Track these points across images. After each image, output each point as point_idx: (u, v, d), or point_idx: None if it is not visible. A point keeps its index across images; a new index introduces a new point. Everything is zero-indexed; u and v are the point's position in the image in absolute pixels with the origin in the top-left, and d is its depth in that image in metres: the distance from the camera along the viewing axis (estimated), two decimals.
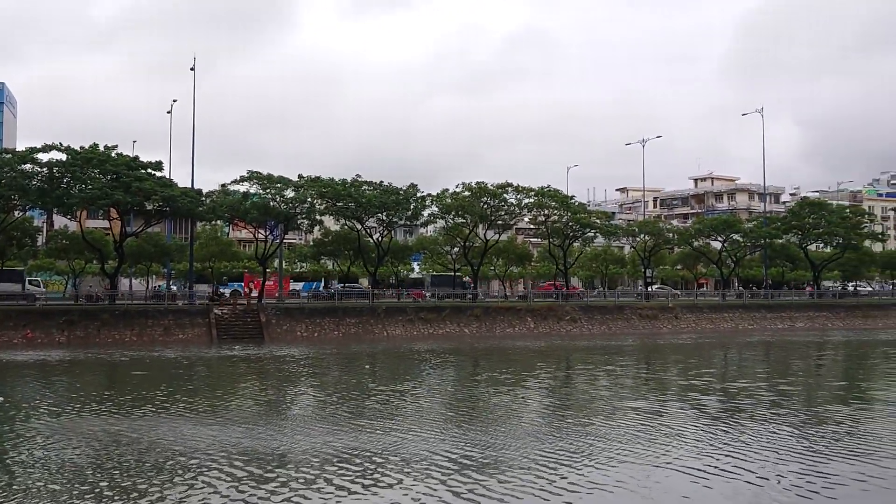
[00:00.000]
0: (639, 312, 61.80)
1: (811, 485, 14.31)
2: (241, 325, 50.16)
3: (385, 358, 40.61)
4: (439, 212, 63.27)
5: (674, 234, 78.71)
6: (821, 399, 26.12)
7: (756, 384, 29.38)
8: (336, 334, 51.02)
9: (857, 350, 46.70)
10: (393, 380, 31.16)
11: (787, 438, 18.51)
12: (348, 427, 19.92)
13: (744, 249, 78.05)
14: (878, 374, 35.15)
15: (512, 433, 19.32)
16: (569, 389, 29.19)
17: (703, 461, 16.13)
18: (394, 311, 55.11)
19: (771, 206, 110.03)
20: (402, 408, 23.82)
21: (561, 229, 66.82)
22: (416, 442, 18.04)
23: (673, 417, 21.66)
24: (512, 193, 63.05)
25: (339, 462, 16.01)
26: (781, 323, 65.49)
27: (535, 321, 57.22)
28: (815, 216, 75.96)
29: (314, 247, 68.89)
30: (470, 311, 56.58)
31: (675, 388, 28.88)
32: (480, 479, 14.70)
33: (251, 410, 23.39)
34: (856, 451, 17.11)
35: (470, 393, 27.54)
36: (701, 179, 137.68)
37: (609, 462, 16.06)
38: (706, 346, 48.10)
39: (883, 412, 23.19)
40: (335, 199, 56.60)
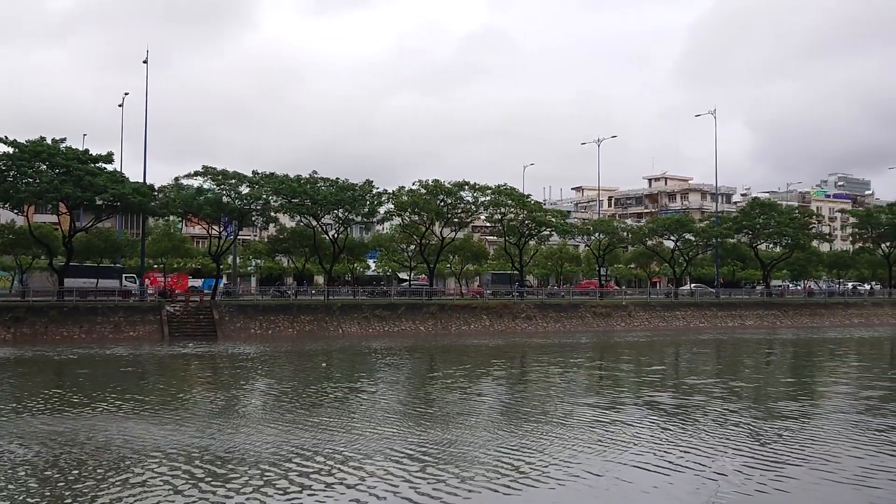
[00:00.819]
0: (593, 310, 62.36)
1: (763, 478, 14.55)
2: (194, 323, 49.48)
3: (341, 355, 40.39)
4: (396, 209, 63.11)
5: (628, 232, 79.57)
6: (771, 395, 26.61)
7: (708, 381, 29.86)
8: (291, 332, 50.61)
9: (805, 347, 47.71)
10: (349, 377, 31.02)
11: (740, 434, 18.82)
12: (306, 425, 19.76)
13: (696, 248, 79.22)
14: (825, 370, 35.93)
15: (470, 430, 19.33)
16: (525, 386, 29.33)
17: (658, 456, 16.32)
18: (349, 308, 54.84)
19: (723, 206, 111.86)
20: (360, 405, 23.69)
21: (517, 227, 67.13)
22: (374, 439, 17.96)
23: (628, 414, 21.90)
24: (468, 192, 63.16)
25: (299, 460, 15.85)
26: (732, 321, 66.61)
27: (490, 319, 57.40)
28: (765, 216, 77.38)
29: (269, 243, 68.25)
30: (426, 309, 56.54)
31: (630, 385, 29.20)
32: (440, 475, 14.68)
33: (206, 409, 23.08)
34: (806, 446, 17.45)
35: (427, 390, 27.54)
36: (655, 179, 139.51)
37: (566, 457, 16.16)
38: (659, 344, 48.73)
39: (831, 408, 23.70)
40: (290, 195, 56.10)
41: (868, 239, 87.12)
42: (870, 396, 25.79)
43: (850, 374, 33.96)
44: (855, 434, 18.93)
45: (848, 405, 24.12)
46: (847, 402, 24.80)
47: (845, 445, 17.59)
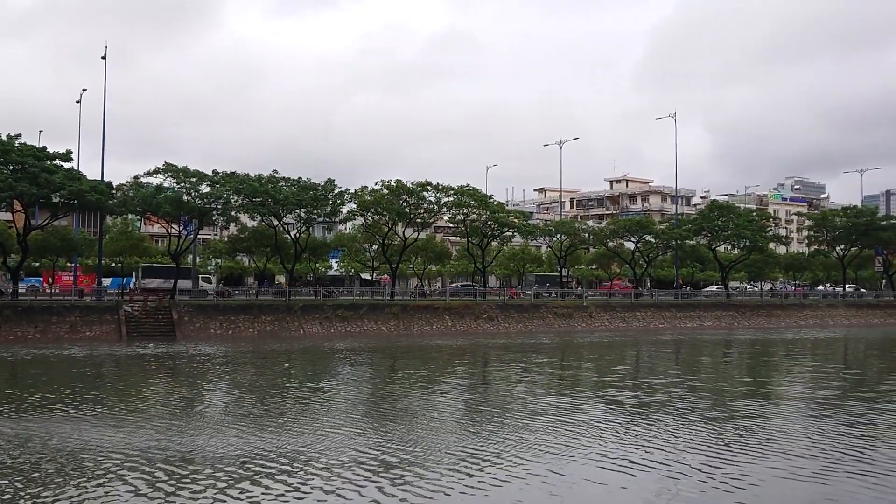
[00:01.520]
0: (554, 311, 62.69)
1: (724, 476, 14.75)
2: (153, 323, 48.80)
3: (302, 356, 40.12)
4: (358, 209, 62.87)
5: (589, 234, 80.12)
6: (730, 394, 26.96)
7: (669, 380, 30.17)
8: (251, 332, 50.15)
9: (763, 348, 48.44)
10: (312, 378, 30.83)
11: (701, 432, 19.06)
12: (268, 426, 19.59)
13: (656, 250, 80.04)
14: (782, 370, 36.54)
15: (433, 430, 19.34)
16: (488, 386, 29.39)
17: (619, 455, 16.46)
18: (311, 308, 54.49)
19: (682, 208, 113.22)
20: (322, 406, 23.58)
21: (479, 228, 67.24)
22: (337, 440, 17.88)
23: (591, 413, 22.05)
24: (431, 192, 63.12)
25: (262, 462, 15.72)
26: (691, 322, 67.38)
27: (452, 319, 57.43)
28: (723, 219, 78.40)
29: (229, 243, 67.55)
30: (388, 309, 56.40)
31: (591, 385, 29.41)
32: (404, 475, 14.67)
33: (166, 411, 22.73)
34: (765, 444, 17.74)
35: (390, 391, 27.46)
36: (616, 181, 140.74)
37: (528, 456, 16.23)
38: (619, 344, 49.15)
39: (788, 407, 24.10)
40: (251, 195, 55.57)
41: (823, 241, 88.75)
42: (825, 396, 26.27)
43: (805, 373, 34.57)
44: (812, 432, 19.28)
45: (804, 404, 24.56)
46: (803, 401, 25.25)
47: (803, 443, 17.90)
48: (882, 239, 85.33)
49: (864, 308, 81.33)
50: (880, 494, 13.68)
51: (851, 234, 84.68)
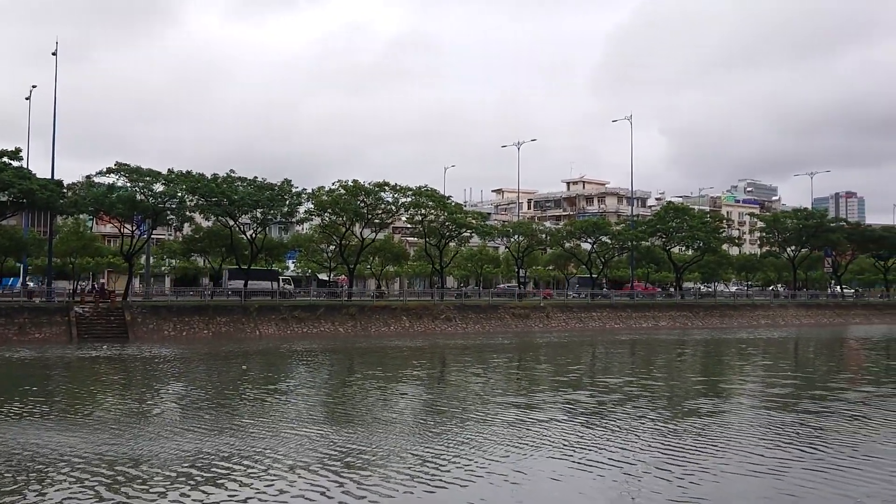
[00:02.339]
0: (512, 311, 62.92)
1: (682, 473, 14.88)
2: (105, 324, 47.91)
3: (258, 357, 39.69)
4: (315, 209, 62.46)
5: (546, 235, 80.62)
6: (686, 393, 27.27)
7: (625, 380, 30.44)
8: (206, 333, 49.51)
9: (716, 347, 49.17)
10: (269, 380, 30.48)
11: (656, 430, 19.24)
12: (226, 429, 19.32)
13: (612, 251, 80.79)
14: (735, 369, 37.09)
15: (393, 430, 19.25)
16: (446, 387, 29.36)
17: (578, 453, 16.55)
18: (267, 309, 53.96)
19: (638, 209, 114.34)
20: (281, 408, 23.32)
21: (437, 229, 67.23)
22: (295, 442, 17.68)
23: (547, 412, 22.13)
24: (389, 192, 62.96)
25: (222, 465, 15.47)
26: (646, 322, 68.12)
27: (410, 320, 57.32)
28: (678, 220, 79.45)
29: (184, 243, 66.64)
30: (345, 310, 56.09)
31: (549, 385, 29.52)
32: (367, 476, 14.59)
33: (119, 414, 22.21)
34: (720, 441, 17.97)
35: (348, 392, 27.29)
36: (573, 183, 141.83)
37: (489, 456, 16.23)
38: (576, 344, 49.48)
39: (741, 405, 24.46)
40: (207, 194, 54.87)
41: (775, 243, 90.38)
42: (777, 393, 26.73)
43: (758, 372, 35.14)
44: (766, 429, 19.61)
45: (758, 402, 24.96)
46: (757, 399, 25.66)
47: (758, 439, 18.16)
48: (831, 240, 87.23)
49: (813, 308, 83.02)
50: (835, 488, 13.92)
51: (802, 235, 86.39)
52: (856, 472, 15.12)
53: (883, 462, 15.90)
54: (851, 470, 15.26)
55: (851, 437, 18.56)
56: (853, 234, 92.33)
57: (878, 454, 16.69)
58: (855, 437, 18.69)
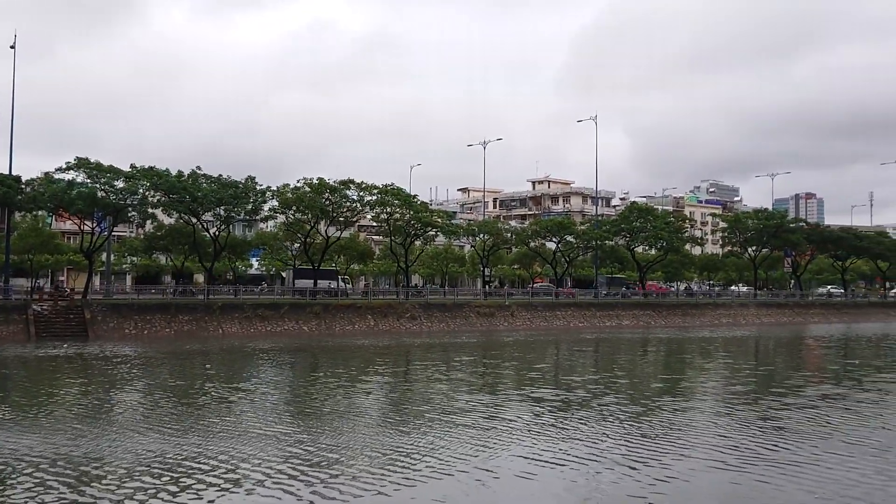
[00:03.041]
0: (477, 310, 62.99)
1: (647, 469, 14.99)
2: (63, 323, 47.10)
3: (221, 356, 39.29)
4: (280, 207, 61.98)
5: (512, 234, 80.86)
6: (648, 391, 27.49)
7: (589, 378, 30.64)
8: (168, 332, 48.89)
9: (679, 346, 49.66)
10: (233, 379, 30.17)
11: (621, 428, 19.37)
12: (190, 429, 19.10)
13: (577, 250, 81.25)
14: (697, 367, 37.49)
15: (359, 429, 19.18)
16: (412, 385, 29.31)
17: (544, 451, 16.60)
18: (230, 308, 53.42)
19: (602, 209, 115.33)
20: (245, 407, 23.08)
21: (403, 227, 67.08)
22: (260, 441, 17.52)
23: (513, 410, 22.17)
24: (354, 190, 62.68)
25: (186, 465, 15.27)
26: (610, 321, 68.57)
27: (375, 319, 57.14)
28: (642, 220, 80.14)
29: (146, 240, 65.78)
30: (310, 309, 55.74)
31: (514, 383, 29.59)
32: (334, 475, 14.50)
33: (78, 414, 21.78)
34: (682, 439, 18.16)
35: (313, 391, 27.09)
36: (539, 182, 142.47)
37: (454, 453, 16.23)
38: (541, 343, 49.67)
39: (704, 402, 24.77)
40: (169, 191, 54.19)
41: (736, 243, 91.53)
42: (739, 391, 27.07)
43: (720, 370, 35.54)
44: (727, 425, 19.86)
45: (720, 399, 25.27)
46: (719, 397, 25.97)
47: (720, 436, 18.38)
48: (791, 241, 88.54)
49: (773, 307, 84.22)
50: (797, 483, 14.10)
51: (763, 236, 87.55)
52: (816, 467, 15.35)
53: (842, 457, 16.17)
54: (812, 465, 15.50)
55: (811, 434, 18.85)
56: (812, 235, 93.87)
57: (837, 450, 16.96)
58: (815, 433, 18.98)
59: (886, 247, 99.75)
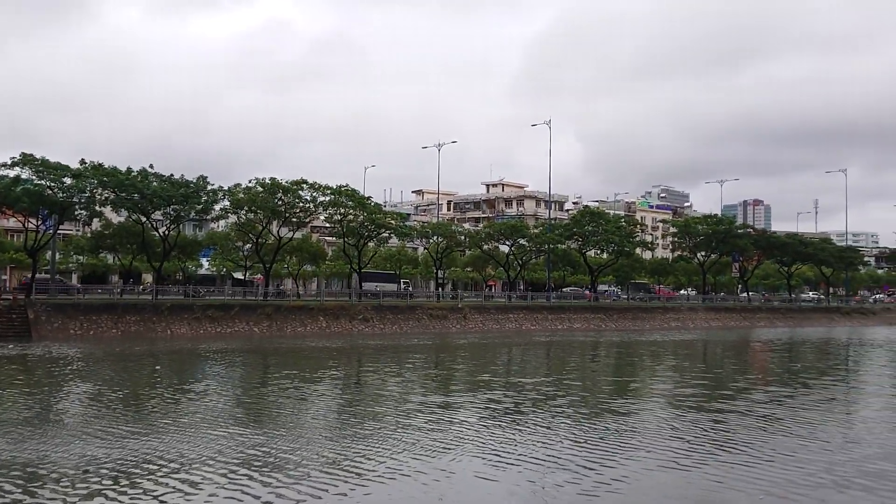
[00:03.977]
0: (429, 312, 62.94)
1: (599, 470, 15.10)
2: (6, 323, 45.88)
3: (171, 358, 38.62)
4: (231, 207, 61.18)
5: (465, 236, 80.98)
6: (600, 393, 27.70)
7: (541, 380, 30.79)
8: (115, 332, 47.93)
9: (629, 349, 50.17)
10: (182, 381, 29.67)
11: (573, 429, 19.50)
12: (138, 431, 18.70)
13: (529, 253, 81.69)
14: (647, 370, 37.93)
15: (312, 431, 19.03)
16: (364, 386, 29.14)
17: (497, 452, 16.62)
18: (179, 308, 52.58)
19: (556, 213, 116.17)
20: (195, 410, 22.67)
21: (356, 229, 66.73)
22: (208, 444, 17.23)
23: (465, 411, 22.17)
24: (307, 191, 62.17)
25: (135, 468, 14.94)
26: (561, 324, 69.05)
27: (327, 320, 56.74)
28: (594, 224, 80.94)
29: (93, 239, 64.43)
30: (260, 310, 55.14)
31: (467, 384, 29.59)
32: (287, 477, 14.35)
33: (19, 417, 21.11)
34: (634, 439, 18.33)
35: (262, 393, 26.76)
36: (493, 185, 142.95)
37: (408, 454, 16.17)
38: (493, 345, 49.80)
39: (654, 404, 25.03)
40: (118, 189, 53.13)
41: (686, 248, 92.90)
42: (688, 393, 27.42)
43: (669, 373, 36.00)
44: (677, 426, 20.14)
45: (670, 401, 25.57)
46: (669, 398, 26.27)
47: (670, 437, 18.59)
48: (739, 246, 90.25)
49: (721, 311, 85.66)
50: (747, 482, 14.31)
51: (711, 241, 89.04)
52: (765, 466, 15.61)
53: (791, 456, 16.48)
54: (761, 464, 15.75)
55: (760, 434, 19.17)
56: (759, 241, 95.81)
57: (786, 449, 17.28)
58: (763, 433, 19.31)
59: (830, 253, 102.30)
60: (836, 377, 35.43)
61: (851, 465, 15.84)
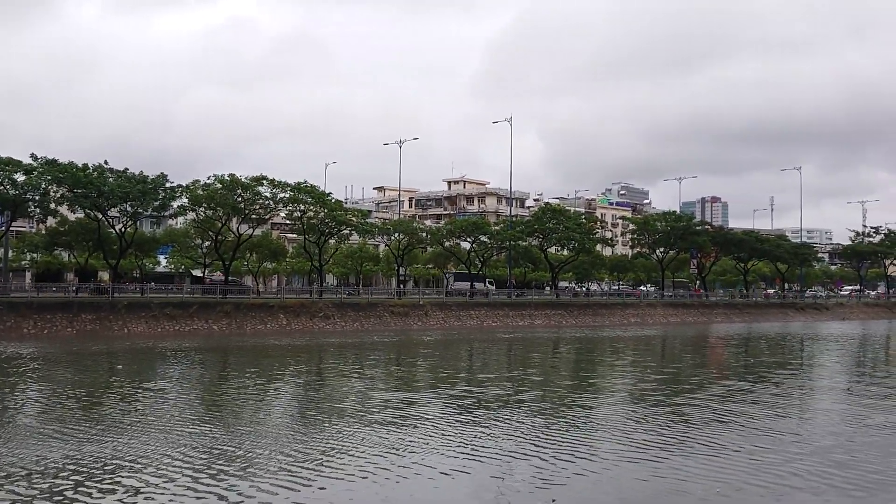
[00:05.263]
0: (391, 309, 62.79)
1: (563, 463, 15.14)
2: None
3: (127, 357, 38.00)
4: (190, 203, 60.43)
5: (427, 233, 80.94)
6: (561, 389, 27.86)
7: (502, 376, 30.89)
8: (70, 332, 47.08)
9: (589, 345, 50.55)
10: (137, 380, 29.18)
11: (534, 425, 19.58)
12: (93, 432, 18.37)
13: (490, 250, 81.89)
14: (607, 365, 38.24)
15: (271, 429, 18.88)
16: (324, 384, 29.00)
17: (458, 448, 16.61)
18: (137, 306, 51.80)
19: (517, 210, 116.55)
20: (153, 410, 22.31)
21: (317, 225, 66.34)
22: (166, 444, 16.96)
23: (426, 408, 22.13)
24: (267, 187, 61.67)
25: (89, 470, 14.63)
26: (522, 320, 69.33)
27: (287, 318, 56.33)
28: (554, 221, 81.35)
29: (47, 236, 63.21)
30: (220, 308, 54.55)
31: (428, 381, 29.58)
32: (244, 476, 14.18)
33: None
34: (596, 434, 18.50)
35: (223, 392, 26.48)
36: (454, 182, 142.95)
37: (367, 452, 16.08)
38: (455, 342, 49.86)
39: (615, 399, 25.29)
40: (74, 185, 52.18)
41: (645, 244, 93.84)
42: (646, 387, 27.68)
43: (629, 368, 36.32)
44: (638, 421, 20.32)
45: (629, 395, 25.83)
46: (629, 393, 26.54)
47: (631, 431, 18.74)
48: (697, 243, 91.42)
49: (680, 307, 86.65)
50: (705, 475, 14.46)
51: (670, 237, 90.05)
52: (722, 458, 15.81)
53: (747, 448, 16.70)
54: (718, 457, 15.95)
55: (717, 427, 19.41)
56: (717, 237, 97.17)
57: (742, 441, 17.51)
58: (720, 426, 19.55)
59: (785, 249, 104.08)
60: (792, 371, 36.04)
61: (809, 457, 16.10)
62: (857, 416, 21.89)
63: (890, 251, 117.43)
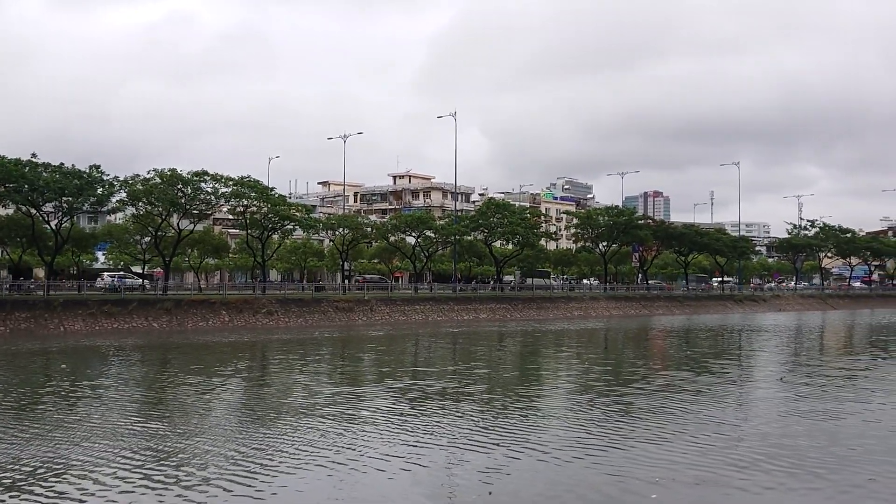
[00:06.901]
0: (335, 305, 62.40)
1: (506, 457, 15.23)
2: None
3: (64, 355, 37.06)
4: (129, 198, 59.15)
5: (372, 228, 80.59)
6: (506, 382, 28.01)
7: (447, 370, 30.90)
8: (2, 330, 45.69)
9: (534, 338, 50.90)
10: (76, 379, 28.44)
11: (479, 419, 19.65)
12: (26, 434, 17.91)
13: (436, 245, 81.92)
14: (551, 358, 38.55)
15: (213, 427, 18.64)
16: (267, 381, 28.69)
17: (403, 444, 16.59)
18: (73, 304, 50.55)
19: (462, 205, 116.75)
20: (90, 409, 21.76)
21: (260, 221, 65.56)
22: (103, 446, 16.56)
23: (371, 403, 22.02)
24: (209, 182, 60.68)
25: (23, 474, 14.23)
26: (467, 314, 69.51)
27: (230, 314, 55.58)
28: (499, 216, 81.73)
29: None
30: (160, 304, 53.55)
31: (372, 377, 29.48)
32: (188, 476, 13.95)
33: None
34: (540, 427, 18.64)
35: (163, 390, 25.96)
36: (399, 177, 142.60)
37: (311, 448, 15.94)
38: (400, 337, 49.75)
39: (559, 392, 25.54)
40: (5, 180, 50.62)
41: (588, 238, 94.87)
42: (590, 379, 27.98)
43: (573, 361, 36.67)
44: (581, 412, 20.59)
45: (573, 387, 26.09)
46: (572, 385, 26.80)
47: (573, 422, 18.96)
48: (639, 237, 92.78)
49: (622, 300, 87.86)
50: (649, 465, 14.65)
51: (613, 231, 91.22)
52: (663, 448, 16.05)
53: (685, 439, 17.01)
54: (659, 446, 16.19)
55: (659, 418, 19.70)
56: (658, 231, 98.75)
57: (682, 432, 17.82)
58: (662, 417, 19.86)
59: (724, 243, 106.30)
60: (731, 361, 36.78)
61: (747, 445, 16.42)
62: (791, 403, 22.43)
63: (824, 244, 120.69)
